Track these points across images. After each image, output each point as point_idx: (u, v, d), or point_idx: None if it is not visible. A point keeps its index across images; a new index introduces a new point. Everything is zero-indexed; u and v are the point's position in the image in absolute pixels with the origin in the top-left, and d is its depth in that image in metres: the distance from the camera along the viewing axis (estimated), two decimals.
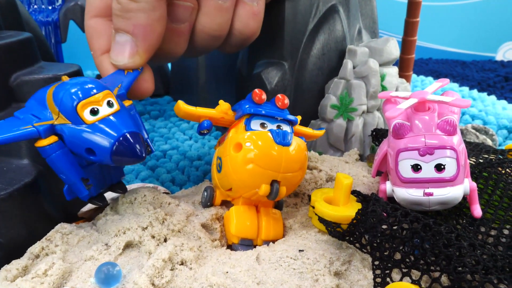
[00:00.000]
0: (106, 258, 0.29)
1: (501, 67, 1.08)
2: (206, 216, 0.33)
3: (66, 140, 0.28)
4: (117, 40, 0.32)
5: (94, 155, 0.28)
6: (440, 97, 0.30)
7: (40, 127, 0.27)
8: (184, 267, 0.28)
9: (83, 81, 0.29)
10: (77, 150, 0.28)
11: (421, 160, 0.30)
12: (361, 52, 0.45)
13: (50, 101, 0.28)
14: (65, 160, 0.29)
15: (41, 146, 0.28)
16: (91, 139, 0.27)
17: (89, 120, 0.27)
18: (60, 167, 0.29)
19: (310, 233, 0.31)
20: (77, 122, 0.27)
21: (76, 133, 0.27)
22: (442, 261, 0.24)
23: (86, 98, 0.27)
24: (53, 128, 0.28)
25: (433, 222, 0.25)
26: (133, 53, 0.32)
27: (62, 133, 0.28)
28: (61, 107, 0.27)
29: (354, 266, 0.28)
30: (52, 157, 0.28)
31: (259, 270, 0.28)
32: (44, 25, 0.67)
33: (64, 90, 0.28)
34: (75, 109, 0.27)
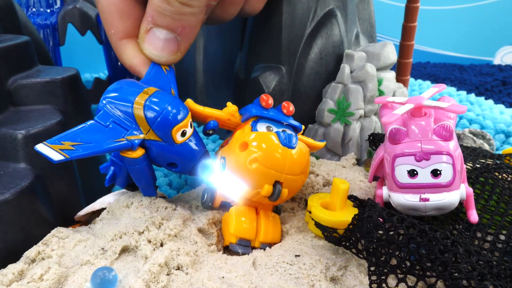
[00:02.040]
0: (102, 262, 0.29)
1: (499, 71, 1.09)
2: (202, 221, 0.33)
3: (152, 154, 0.30)
4: (157, 35, 0.32)
5: (175, 167, 0.32)
6: (437, 103, 0.30)
7: (135, 141, 0.29)
8: (180, 272, 0.28)
9: (175, 103, 0.30)
10: (160, 162, 0.31)
11: (417, 166, 0.30)
12: (358, 57, 0.45)
13: (140, 117, 0.29)
14: (147, 170, 0.31)
15: (131, 157, 0.29)
16: (179, 157, 0.31)
17: (179, 140, 0.30)
18: (143, 176, 0.31)
19: (306, 238, 0.31)
20: (169, 141, 0.30)
21: (166, 150, 0.30)
22: (438, 267, 0.24)
23: (181, 122, 0.30)
24: (143, 142, 0.30)
25: (429, 228, 0.25)
26: (176, 51, 0.33)
27: (150, 147, 0.30)
28: (156, 127, 0.29)
29: (350, 272, 0.28)
30: (138, 167, 0.30)
31: (255, 275, 0.28)
32: (42, 28, 0.67)
33: (161, 112, 0.29)
34: (170, 132, 0.29)
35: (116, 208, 0.34)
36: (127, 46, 0.33)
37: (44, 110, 0.39)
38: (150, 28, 0.32)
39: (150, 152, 0.30)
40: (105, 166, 0.35)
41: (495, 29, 1.20)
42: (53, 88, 0.40)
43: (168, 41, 0.32)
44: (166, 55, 0.32)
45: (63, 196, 0.38)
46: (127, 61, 0.33)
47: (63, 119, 0.38)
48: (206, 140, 0.61)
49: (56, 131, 0.37)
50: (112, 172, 0.34)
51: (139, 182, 0.33)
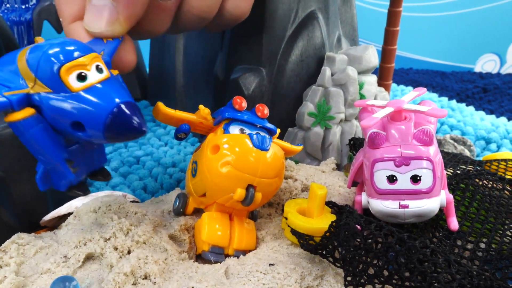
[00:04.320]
0: (64, 271, 0.27)
1: (480, 79, 1.09)
2: (174, 227, 0.31)
3: (46, 113, 0.23)
4: (93, 3, 0.28)
5: (82, 131, 0.23)
6: (417, 107, 0.29)
7: (12, 97, 0.22)
8: (147, 282, 0.27)
9: (64, 41, 0.23)
10: (60, 124, 0.23)
11: (396, 171, 0.29)
12: (339, 60, 0.44)
13: (23, 66, 0.23)
14: (45, 137, 0.23)
15: (14, 120, 0.22)
16: (79, 110, 0.22)
17: (76, 87, 0.23)
18: (40, 146, 0.24)
19: (282, 245, 0.30)
20: (61, 89, 0.23)
21: (59, 103, 0.23)
22: (417, 277, 0.23)
23: (71, 60, 0.23)
24: (29, 98, 0.23)
25: (407, 237, 0.24)
26: (113, 20, 0.28)
27: (41, 104, 0.23)
28: (39, 72, 0.22)
29: (326, 281, 0.27)
30: (29, 133, 0.23)
31: (227, 285, 0.26)
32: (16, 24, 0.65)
33: (42, 52, 0.22)
34: (57, 74, 0.22)
35: (83, 213, 0.32)
36: (76, 28, 0.29)
37: None
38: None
39: (44, 112, 0.23)
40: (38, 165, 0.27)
41: (476, 37, 1.22)
42: None
43: (101, 9, 0.28)
44: (100, 25, 0.28)
45: (28, 199, 0.36)
46: None
47: None
48: (184, 143, 0.60)
49: None
50: (42, 169, 0.26)
51: (40, 157, 0.24)
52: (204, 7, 0.33)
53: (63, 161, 0.25)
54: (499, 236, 0.32)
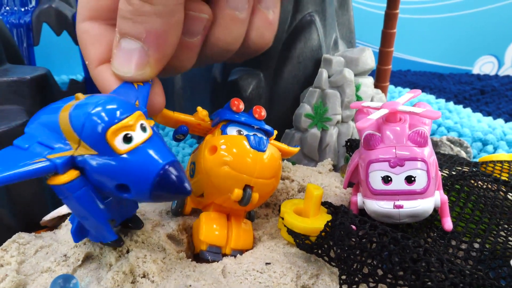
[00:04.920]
0: (64, 270, 0.28)
1: (477, 81, 1.10)
2: (172, 227, 0.32)
3: (90, 175, 0.22)
4: (122, 47, 0.27)
5: (128, 192, 0.22)
6: (412, 108, 0.30)
7: (57, 160, 0.21)
8: (145, 280, 0.27)
9: (108, 99, 0.23)
10: (104, 186, 0.23)
11: (391, 172, 0.29)
12: (336, 62, 0.45)
13: (66, 126, 0.22)
14: (90, 200, 0.23)
15: (59, 183, 0.21)
16: (126, 173, 0.22)
17: (122, 149, 0.22)
18: (84, 209, 0.23)
19: (278, 245, 0.30)
20: (107, 152, 0.22)
21: (106, 167, 0.22)
22: (411, 276, 0.23)
23: (117, 122, 0.22)
24: (73, 161, 0.22)
25: (401, 236, 0.24)
26: (144, 64, 0.27)
27: (85, 166, 0.22)
28: (84, 134, 0.22)
29: (322, 280, 0.27)
30: (73, 197, 0.22)
31: (224, 284, 0.27)
32: (16, 27, 0.65)
33: (88, 113, 0.22)
34: (104, 137, 0.21)
35: None
36: (103, 71, 0.28)
37: (10, 110, 0.37)
38: (118, 40, 0.27)
39: (89, 175, 0.22)
40: (72, 216, 0.27)
41: (474, 39, 1.22)
42: (20, 88, 0.38)
43: (133, 52, 0.27)
44: (132, 69, 0.27)
45: (28, 200, 0.37)
46: (102, 88, 0.28)
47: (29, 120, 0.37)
48: (183, 145, 0.60)
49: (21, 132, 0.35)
50: (77, 222, 0.26)
51: (86, 222, 0.24)
52: (229, 39, 0.32)
53: (107, 222, 0.24)
54: (493, 237, 0.32)
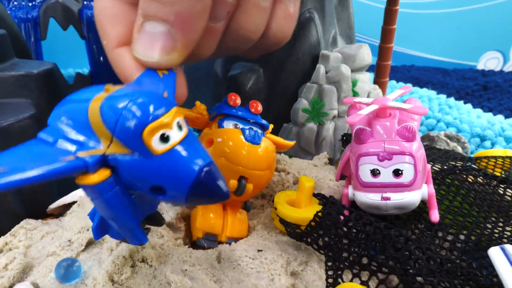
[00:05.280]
0: (68, 254, 0.29)
1: (482, 76, 1.10)
2: (171, 215, 0.33)
3: (122, 175, 0.20)
4: (146, 30, 0.25)
5: (162, 195, 0.20)
6: (400, 104, 0.31)
7: (88, 159, 0.19)
8: (144, 264, 0.29)
9: (144, 93, 0.20)
10: (137, 187, 0.21)
11: (379, 165, 0.30)
12: (334, 58, 0.46)
13: (96, 121, 0.20)
14: (121, 201, 0.21)
15: (89, 183, 0.20)
16: (163, 175, 0.20)
17: (159, 149, 0.20)
18: (115, 210, 0.21)
19: (271, 234, 0.32)
20: (142, 152, 0.20)
21: (141, 167, 0.20)
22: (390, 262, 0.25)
23: (155, 120, 0.20)
24: (105, 159, 0.20)
25: (384, 226, 0.26)
26: (171, 48, 0.25)
27: (118, 165, 0.20)
28: (118, 131, 0.19)
29: (310, 267, 0.29)
30: (104, 197, 0.20)
31: (218, 269, 0.28)
32: (23, 22, 0.67)
33: (122, 108, 0.19)
34: (140, 136, 0.19)
35: (86, 201, 0.35)
36: (123, 54, 0.26)
37: (18, 104, 0.39)
38: (142, 23, 0.25)
39: (121, 174, 0.20)
40: (92, 213, 0.26)
41: (479, 35, 1.22)
42: (27, 82, 0.40)
43: (161, 36, 0.25)
44: (158, 54, 0.25)
45: (34, 189, 0.39)
46: (121, 72, 0.27)
47: (37, 113, 0.38)
48: None
49: (29, 125, 0.37)
50: (99, 219, 0.24)
51: (117, 223, 0.22)
52: (251, 26, 0.30)
53: (139, 225, 0.23)
54: (479, 229, 0.33)
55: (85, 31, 0.76)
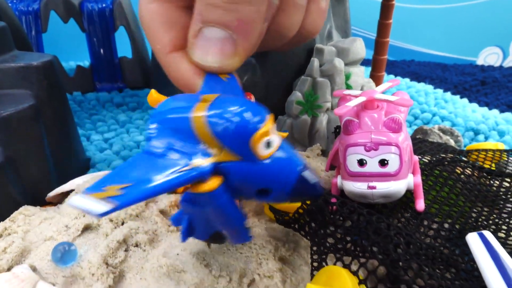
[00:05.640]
0: (64, 238, 0.30)
1: (480, 72, 1.11)
2: (165, 203, 0.35)
3: (232, 180, 0.22)
4: (206, 35, 0.25)
5: (267, 196, 0.23)
6: (387, 96, 0.32)
7: (204, 168, 0.20)
8: (137, 249, 0.30)
9: (245, 103, 0.22)
10: (245, 192, 0.23)
11: (366, 155, 0.31)
12: (328, 51, 0.47)
13: (203, 132, 0.21)
14: (232, 205, 0.22)
15: (206, 191, 0.20)
16: (269, 178, 0.22)
17: (264, 154, 0.21)
18: (227, 215, 0.22)
19: (261, 221, 0.33)
20: (250, 158, 0.21)
21: (250, 173, 0.21)
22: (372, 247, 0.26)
23: (261, 127, 0.21)
24: (216, 167, 0.21)
25: (367, 212, 0.27)
26: (232, 53, 0.25)
27: (228, 172, 0.21)
28: (229, 140, 0.21)
29: (298, 253, 0.30)
30: (218, 203, 0.21)
31: (208, 253, 0.29)
32: (24, 15, 0.68)
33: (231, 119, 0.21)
34: (249, 143, 0.21)
35: (83, 189, 0.36)
36: (176, 59, 0.27)
37: (18, 95, 0.40)
38: (200, 29, 0.25)
39: (230, 180, 0.21)
40: (176, 217, 0.26)
41: (479, 30, 1.23)
42: (27, 73, 0.41)
43: (222, 42, 0.25)
44: (220, 59, 0.25)
45: (34, 178, 0.40)
46: (177, 77, 0.27)
47: (36, 104, 0.40)
48: None
49: (28, 115, 0.38)
50: (187, 222, 0.25)
51: (226, 227, 0.24)
52: (289, 25, 0.30)
53: (245, 225, 0.24)
54: (464, 218, 0.34)
55: (85, 24, 0.77)
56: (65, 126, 0.46)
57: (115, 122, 0.65)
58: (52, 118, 0.43)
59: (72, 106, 0.70)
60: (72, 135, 0.48)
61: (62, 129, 0.45)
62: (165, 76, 0.72)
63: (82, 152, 0.51)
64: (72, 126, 0.48)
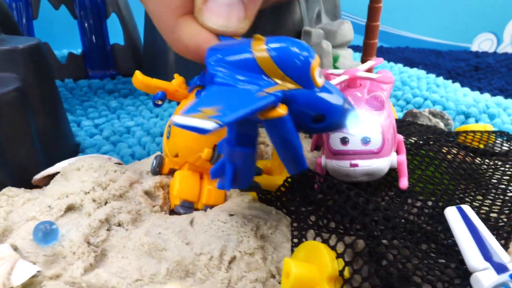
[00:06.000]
0: (47, 218, 0.30)
1: (474, 57, 1.10)
2: (150, 184, 0.35)
3: (294, 108, 0.24)
4: (218, 1, 0.26)
5: (321, 122, 0.25)
6: (368, 74, 0.32)
7: (277, 94, 0.22)
8: (120, 228, 0.30)
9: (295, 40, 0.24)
10: (303, 118, 0.24)
11: (348, 134, 0.31)
12: (315, 34, 0.47)
13: (269, 65, 0.23)
14: (295, 131, 0.24)
15: (276, 117, 0.22)
16: (325, 103, 0.24)
17: (320, 82, 0.24)
18: (292, 141, 0.24)
19: (244, 200, 0.33)
20: (309, 85, 0.23)
21: (311, 99, 0.24)
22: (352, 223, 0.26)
23: (314, 57, 0.23)
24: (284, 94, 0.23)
25: (346, 188, 0.27)
26: (244, 17, 0.27)
27: (292, 99, 0.23)
28: (291, 70, 0.23)
29: (280, 230, 0.30)
30: (286, 129, 0.23)
31: (190, 232, 0.29)
32: (15, 1, 0.67)
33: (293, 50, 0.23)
34: (308, 71, 0.23)
35: (68, 171, 0.36)
36: (187, 23, 0.27)
37: (4, 78, 0.40)
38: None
39: (291, 108, 0.23)
40: (217, 169, 0.28)
41: (473, 16, 1.22)
42: (14, 56, 0.41)
43: (233, 6, 0.26)
44: (233, 23, 0.27)
45: (21, 161, 0.40)
46: (189, 42, 0.27)
47: (22, 86, 0.39)
48: None
49: (14, 97, 0.38)
50: (232, 171, 0.27)
51: (288, 154, 0.26)
52: None
53: (302, 152, 0.26)
54: (447, 195, 0.35)
55: (77, 10, 0.76)
56: (53, 110, 0.46)
57: (106, 108, 0.65)
58: (39, 102, 0.43)
59: (64, 93, 0.70)
60: (60, 120, 0.48)
61: (50, 113, 0.45)
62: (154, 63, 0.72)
63: (71, 137, 0.51)
64: (61, 110, 0.48)
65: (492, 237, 0.25)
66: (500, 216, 0.32)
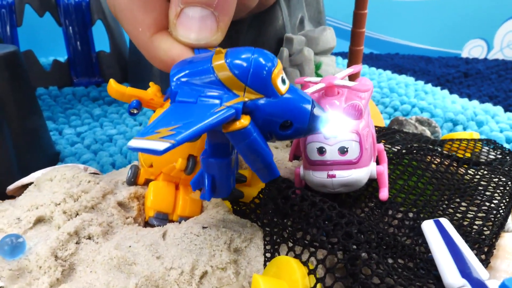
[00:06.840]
0: (15, 231, 0.30)
1: (464, 64, 1.10)
2: (124, 195, 0.34)
3: (258, 117, 0.24)
4: (189, 15, 0.27)
5: (289, 129, 0.25)
6: (345, 82, 0.31)
7: (237, 106, 0.22)
8: (90, 241, 0.29)
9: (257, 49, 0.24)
10: (270, 126, 0.25)
11: (325, 143, 0.31)
12: (297, 41, 0.46)
13: (229, 78, 0.23)
14: (262, 141, 0.24)
15: (240, 128, 0.23)
16: (290, 110, 0.24)
17: (283, 90, 0.24)
18: (259, 150, 0.24)
19: (219, 212, 0.32)
20: (272, 94, 0.24)
21: (274, 107, 0.24)
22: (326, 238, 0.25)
23: (276, 65, 0.24)
24: (244, 106, 0.23)
25: (319, 200, 0.26)
26: (215, 29, 0.27)
27: (255, 109, 0.24)
28: (251, 80, 0.23)
29: (254, 244, 0.29)
30: (250, 140, 0.23)
31: (162, 245, 0.29)
32: None
33: (251, 59, 0.23)
34: (270, 79, 0.23)
35: (41, 181, 0.35)
36: (162, 39, 0.28)
37: None
38: (181, 9, 0.27)
39: (256, 118, 0.24)
40: (197, 180, 0.28)
41: (463, 23, 1.22)
42: None
43: (205, 19, 0.27)
44: (205, 35, 0.27)
45: None
46: (164, 57, 0.28)
47: None
48: None
49: None
50: (210, 181, 0.27)
51: (258, 163, 0.26)
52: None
53: (273, 161, 0.26)
54: (430, 206, 0.34)
55: (62, 18, 0.76)
56: (30, 119, 0.45)
57: (89, 116, 0.64)
58: (15, 110, 0.42)
59: (47, 101, 0.69)
60: (38, 128, 0.47)
61: (26, 121, 0.44)
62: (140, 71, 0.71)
63: (50, 146, 0.50)
64: (39, 119, 0.47)
65: (470, 252, 0.25)
66: (482, 229, 0.31)
